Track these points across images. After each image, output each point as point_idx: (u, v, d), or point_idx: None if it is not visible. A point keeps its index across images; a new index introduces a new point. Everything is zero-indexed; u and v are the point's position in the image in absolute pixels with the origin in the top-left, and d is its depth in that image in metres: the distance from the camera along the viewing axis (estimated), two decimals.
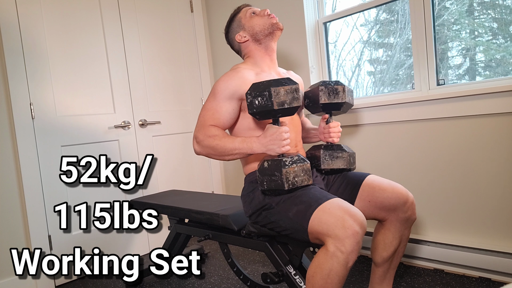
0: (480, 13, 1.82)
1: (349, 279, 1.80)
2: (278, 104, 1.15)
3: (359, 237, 1.03)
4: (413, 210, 1.28)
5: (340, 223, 1.04)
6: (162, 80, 2.62)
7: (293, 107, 1.17)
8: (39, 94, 2.04)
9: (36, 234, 1.99)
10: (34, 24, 2.04)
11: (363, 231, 1.05)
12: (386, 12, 2.14)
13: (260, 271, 2.01)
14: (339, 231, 1.03)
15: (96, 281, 2.09)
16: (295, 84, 1.17)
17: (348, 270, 1.06)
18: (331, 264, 1.03)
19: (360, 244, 1.05)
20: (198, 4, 2.82)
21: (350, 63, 2.33)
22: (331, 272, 1.04)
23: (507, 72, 1.72)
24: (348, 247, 1.02)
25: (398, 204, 1.25)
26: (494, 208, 1.67)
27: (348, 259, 1.03)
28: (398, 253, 1.34)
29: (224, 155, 1.27)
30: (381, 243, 1.32)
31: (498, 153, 1.64)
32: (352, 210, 1.08)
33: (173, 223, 1.95)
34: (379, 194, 1.27)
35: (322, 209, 1.11)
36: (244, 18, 1.46)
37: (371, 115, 2.01)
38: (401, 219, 1.28)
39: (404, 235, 1.32)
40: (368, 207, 1.29)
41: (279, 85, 1.16)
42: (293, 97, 1.16)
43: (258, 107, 1.17)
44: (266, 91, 1.15)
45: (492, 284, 1.62)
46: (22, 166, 1.96)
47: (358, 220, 1.05)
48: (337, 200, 1.13)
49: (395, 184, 1.29)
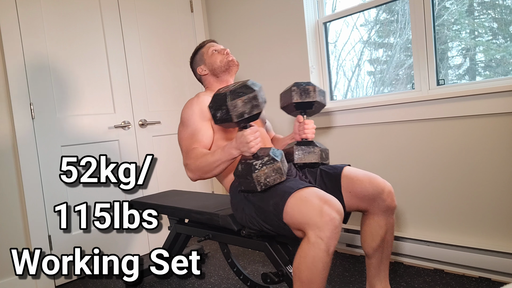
0: (480, 13, 1.82)
1: (349, 279, 1.81)
2: (237, 117, 1.19)
3: (337, 222, 1.08)
4: (391, 198, 1.33)
5: (317, 211, 1.09)
6: (162, 80, 2.62)
7: (254, 116, 1.21)
8: (39, 94, 2.04)
9: (36, 234, 1.99)
10: (34, 24, 2.04)
11: (340, 217, 1.10)
12: (386, 12, 2.14)
13: (260, 271, 2.01)
14: (317, 218, 1.08)
15: (96, 281, 2.09)
16: (253, 92, 1.19)
17: (331, 256, 1.09)
18: (314, 252, 1.08)
19: (338, 230, 1.09)
20: (198, 4, 2.82)
21: (350, 63, 2.33)
22: (315, 260, 1.08)
23: (507, 72, 1.72)
24: (327, 233, 1.06)
25: (376, 193, 1.31)
26: (494, 208, 1.67)
27: (329, 245, 1.07)
28: (387, 242, 1.39)
29: (212, 170, 1.33)
30: (368, 234, 1.38)
31: (498, 153, 1.64)
32: (327, 197, 1.13)
33: (173, 223, 1.95)
34: (357, 185, 1.33)
35: (297, 197, 1.16)
36: (206, 54, 1.62)
37: (371, 115, 2.01)
38: (382, 208, 1.34)
39: (389, 223, 1.37)
40: (350, 197, 1.35)
41: (236, 97, 1.18)
42: (252, 105, 1.19)
43: (220, 119, 1.22)
44: (224, 106, 1.19)
45: (492, 284, 1.62)
46: (22, 166, 1.96)
47: (334, 206, 1.10)
48: (312, 189, 1.18)
49: (371, 174, 1.36)
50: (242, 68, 2.68)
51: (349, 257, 2.09)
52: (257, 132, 1.24)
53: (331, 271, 1.91)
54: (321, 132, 2.26)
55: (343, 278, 1.82)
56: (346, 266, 1.97)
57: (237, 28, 2.67)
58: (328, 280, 1.81)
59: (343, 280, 1.81)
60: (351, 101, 2.23)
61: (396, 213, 1.99)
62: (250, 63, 2.62)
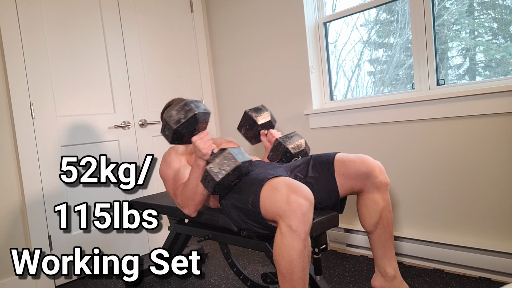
0: (480, 13, 1.82)
1: (349, 279, 1.80)
2: (175, 123, 1.34)
3: (305, 208, 1.10)
4: (383, 174, 1.39)
5: (285, 200, 1.11)
6: (162, 80, 2.62)
7: (190, 118, 1.34)
8: (39, 94, 2.04)
9: (36, 234, 1.99)
10: (34, 24, 2.04)
11: (308, 203, 1.12)
12: (386, 12, 2.14)
13: (260, 271, 2.01)
14: (285, 207, 1.10)
15: (96, 281, 2.09)
16: (183, 101, 1.38)
17: (305, 243, 1.10)
18: (287, 242, 1.09)
19: (307, 216, 1.10)
20: (198, 4, 2.82)
21: (350, 63, 2.33)
22: (289, 249, 1.09)
23: (507, 72, 1.72)
24: (295, 221, 1.08)
25: (368, 171, 1.36)
26: (494, 208, 1.67)
27: (299, 232, 1.08)
28: (386, 219, 1.41)
29: (196, 192, 1.41)
30: (366, 212, 1.42)
31: (498, 153, 1.64)
32: (296, 185, 1.15)
33: (173, 223, 1.95)
34: (350, 165, 1.38)
35: (267, 188, 1.19)
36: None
37: (371, 115, 2.01)
38: (376, 184, 1.38)
39: (384, 199, 1.41)
40: (344, 180, 1.39)
41: (170, 110, 1.37)
42: (185, 111, 1.34)
43: (168, 135, 1.38)
44: (164, 121, 1.37)
45: (492, 284, 1.62)
46: (22, 166, 1.96)
47: (302, 193, 1.12)
48: (281, 178, 1.22)
49: (361, 155, 1.42)
50: (242, 68, 2.68)
51: (349, 257, 2.09)
52: (206, 136, 1.38)
53: (331, 271, 1.91)
54: (321, 132, 2.26)
55: (343, 278, 1.82)
56: (346, 266, 1.97)
57: (237, 28, 2.67)
58: (328, 280, 1.81)
59: (343, 280, 1.81)
60: (351, 101, 2.23)
61: (397, 213, 1.99)
62: (250, 63, 2.62)
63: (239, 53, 2.69)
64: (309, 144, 2.33)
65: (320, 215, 1.34)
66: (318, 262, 1.40)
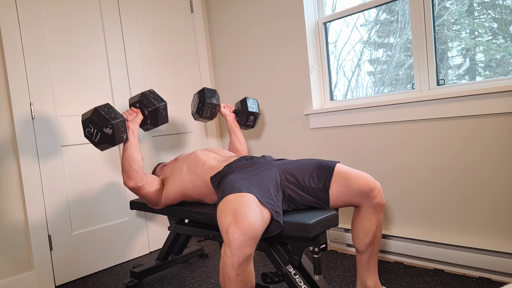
0: (480, 13, 1.82)
1: (349, 279, 1.80)
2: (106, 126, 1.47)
3: (238, 243, 1.06)
4: (381, 195, 1.42)
5: (225, 228, 1.10)
6: (162, 80, 2.62)
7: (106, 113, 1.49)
8: (39, 94, 2.04)
9: (36, 234, 1.99)
10: (34, 24, 2.04)
11: (245, 238, 1.06)
12: (386, 12, 2.14)
13: (260, 271, 2.01)
14: (224, 234, 1.10)
15: (96, 281, 2.09)
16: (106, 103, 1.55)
17: (237, 272, 1.07)
18: (222, 263, 1.10)
19: (240, 250, 1.06)
20: (198, 4, 2.82)
21: (350, 63, 2.33)
22: (222, 271, 1.10)
23: (507, 72, 1.72)
24: (229, 252, 1.07)
25: (369, 190, 1.38)
26: (494, 208, 1.67)
27: (232, 262, 1.06)
28: (377, 238, 1.45)
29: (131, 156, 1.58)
30: (361, 230, 1.43)
31: (498, 153, 1.64)
32: (241, 214, 1.11)
33: (173, 223, 1.95)
34: (354, 181, 1.39)
35: (224, 203, 1.19)
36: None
37: (371, 115, 2.01)
38: (373, 204, 1.40)
39: (378, 220, 1.44)
40: (345, 192, 1.40)
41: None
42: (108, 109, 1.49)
43: (98, 143, 1.49)
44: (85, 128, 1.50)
45: (492, 284, 1.62)
46: (22, 166, 1.96)
47: (242, 227, 1.07)
48: (239, 198, 1.18)
49: (364, 173, 1.43)
50: (242, 68, 2.68)
51: (349, 257, 2.09)
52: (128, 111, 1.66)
53: (331, 271, 1.91)
54: (321, 132, 2.26)
55: (343, 278, 1.82)
56: (346, 266, 1.97)
57: (237, 28, 2.67)
58: (328, 280, 1.81)
59: (343, 280, 1.81)
60: (351, 101, 2.23)
61: (397, 213, 1.99)
62: (250, 63, 2.62)
63: (239, 53, 2.69)
64: (309, 144, 2.34)
65: (320, 215, 1.34)
66: (318, 261, 1.40)
